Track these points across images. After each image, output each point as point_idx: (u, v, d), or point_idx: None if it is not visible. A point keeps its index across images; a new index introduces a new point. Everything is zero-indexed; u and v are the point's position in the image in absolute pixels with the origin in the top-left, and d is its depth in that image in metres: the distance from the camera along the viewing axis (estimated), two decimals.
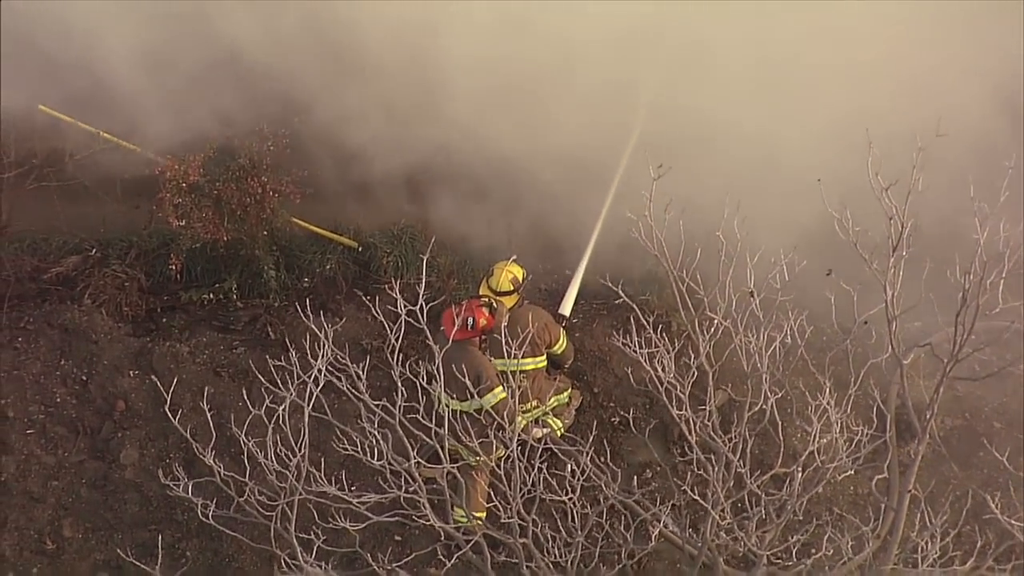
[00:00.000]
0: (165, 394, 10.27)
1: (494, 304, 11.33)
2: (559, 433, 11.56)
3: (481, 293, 11.58)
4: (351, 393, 9.51)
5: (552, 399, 11.61)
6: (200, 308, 12.98)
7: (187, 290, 13.05)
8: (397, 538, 11.38)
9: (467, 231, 13.06)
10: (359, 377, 9.39)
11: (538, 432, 11.28)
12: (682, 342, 9.82)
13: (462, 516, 10.48)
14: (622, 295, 10.08)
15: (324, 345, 9.46)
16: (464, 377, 10.11)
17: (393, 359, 9.41)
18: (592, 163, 12.71)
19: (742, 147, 12.14)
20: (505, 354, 10.14)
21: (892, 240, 9.42)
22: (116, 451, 12.00)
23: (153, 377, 12.06)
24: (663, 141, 11.56)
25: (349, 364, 9.44)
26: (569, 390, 11.85)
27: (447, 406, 9.86)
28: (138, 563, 10.66)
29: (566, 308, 12.29)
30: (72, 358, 12.43)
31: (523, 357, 10.49)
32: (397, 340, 9.41)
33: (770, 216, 10.73)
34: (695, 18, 12.39)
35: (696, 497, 9.45)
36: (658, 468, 11.49)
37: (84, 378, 12.35)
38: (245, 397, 10.41)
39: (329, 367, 9.49)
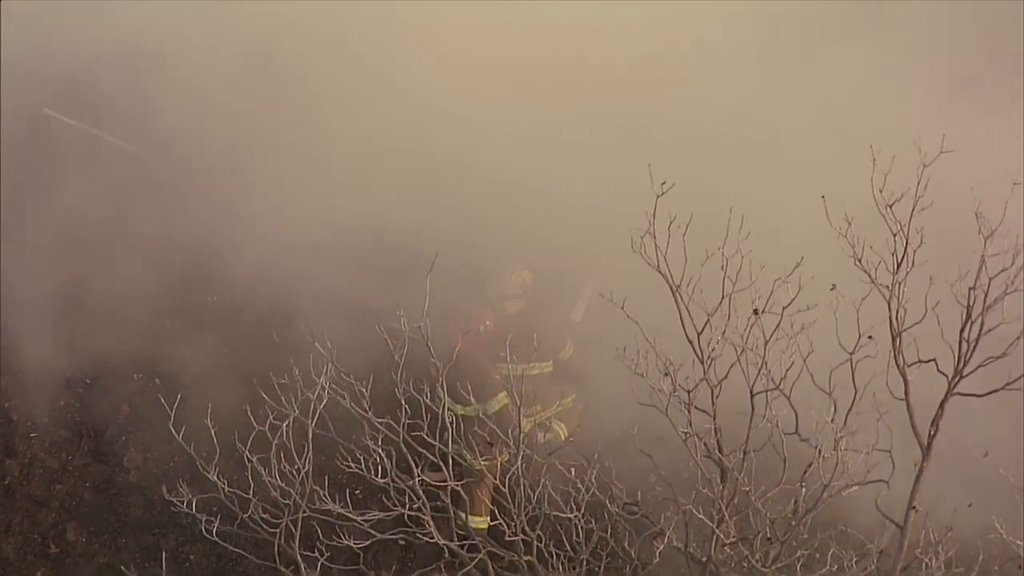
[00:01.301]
0: (167, 406, 10.25)
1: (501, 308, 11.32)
2: (563, 437, 11.54)
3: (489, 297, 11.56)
4: (355, 411, 9.51)
5: (557, 404, 11.59)
6: (206, 311, 12.95)
7: (192, 293, 12.99)
8: (401, 542, 11.35)
9: None
10: (363, 395, 9.39)
11: (542, 436, 11.28)
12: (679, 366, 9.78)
13: (463, 525, 10.45)
14: (625, 313, 10.01)
15: (327, 362, 9.47)
16: (468, 382, 10.14)
17: (397, 377, 9.42)
18: None
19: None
20: (510, 359, 10.15)
21: (896, 256, 9.36)
22: (120, 454, 12.00)
23: (157, 380, 12.07)
24: None
25: (353, 382, 9.43)
26: (574, 395, 11.81)
27: (450, 410, 9.87)
28: (142, 567, 10.72)
29: (577, 314, 12.24)
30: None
31: (529, 362, 10.50)
32: (401, 358, 9.41)
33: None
34: None
35: (701, 516, 9.43)
36: (663, 472, 11.47)
37: (88, 381, 12.33)
38: (248, 411, 10.39)
39: (333, 385, 9.49)
